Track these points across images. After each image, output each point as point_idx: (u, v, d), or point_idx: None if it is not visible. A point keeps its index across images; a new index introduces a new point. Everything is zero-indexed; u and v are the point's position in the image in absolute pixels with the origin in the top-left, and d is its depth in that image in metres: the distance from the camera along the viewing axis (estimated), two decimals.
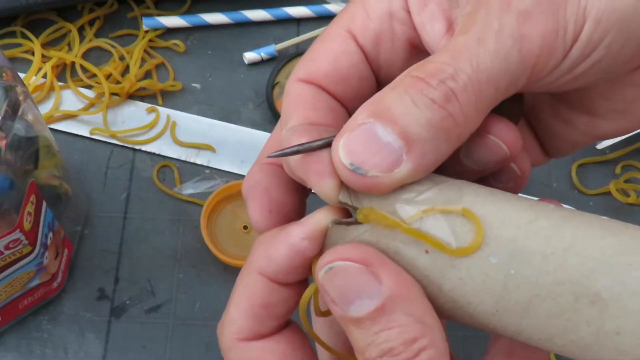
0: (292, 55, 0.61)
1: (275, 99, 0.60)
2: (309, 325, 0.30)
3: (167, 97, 0.63)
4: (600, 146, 0.61)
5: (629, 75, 0.28)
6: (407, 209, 0.26)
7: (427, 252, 0.26)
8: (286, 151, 0.27)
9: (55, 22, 0.64)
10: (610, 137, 0.31)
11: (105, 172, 0.60)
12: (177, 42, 0.64)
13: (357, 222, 0.27)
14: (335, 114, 0.29)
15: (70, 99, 0.62)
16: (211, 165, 0.60)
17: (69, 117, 0.61)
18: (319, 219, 0.27)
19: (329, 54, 0.31)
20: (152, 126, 0.61)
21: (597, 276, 0.24)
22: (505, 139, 0.28)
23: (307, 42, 0.63)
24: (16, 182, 0.45)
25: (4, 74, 0.46)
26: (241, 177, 0.60)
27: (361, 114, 0.26)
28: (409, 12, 0.29)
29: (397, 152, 0.26)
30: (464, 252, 0.25)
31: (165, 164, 0.60)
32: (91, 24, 0.65)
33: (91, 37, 0.64)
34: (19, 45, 0.63)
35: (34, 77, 0.62)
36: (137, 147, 0.61)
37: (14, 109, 0.45)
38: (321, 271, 0.26)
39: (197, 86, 0.63)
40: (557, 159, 0.34)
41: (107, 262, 0.57)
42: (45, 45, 0.64)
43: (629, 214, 0.58)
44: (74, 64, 0.63)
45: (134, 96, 0.62)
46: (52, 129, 0.60)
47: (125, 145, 0.61)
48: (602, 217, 0.26)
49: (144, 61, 0.63)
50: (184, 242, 0.58)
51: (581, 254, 0.25)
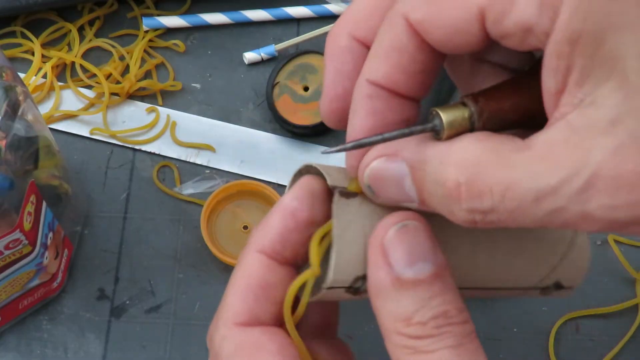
0: (292, 55, 0.61)
1: (275, 99, 0.60)
2: (292, 324, 0.30)
3: (167, 97, 0.63)
4: None
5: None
6: None
7: None
8: (347, 146, 0.29)
9: (55, 22, 0.64)
10: None
11: (105, 172, 0.60)
12: (177, 42, 0.64)
13: (353, 194, 0.30)
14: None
15: (70, 99, 0.62)
16: (211, 165, 0.60)
17: (69, 117, 0.61)
18: (303, 182, 0.30)
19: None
20: (152, 126, 0.61)
21: None
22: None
23: (307, 42, 0.63)
24: (16, 182, 0.45)
25: (4, 74, 0.46)
26: (241, 177, 0.60)
27: (406, 151, 0.29)
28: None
29: (409, 200, 0.29)
30: None
31: (165, 164, 0.60)
32: (91, 24, 0.65)
33: (91, 37, 0.64)
34: (19, 45, 0.63)
35: (34, 77, 0.62)
36: (137, 147, 0.61)
37: (14, 109, 0.45)
38: (393, 227, 0.28)
39: (197, 86, 0.63)
40: None
41: (107, 262, 0.57)
42: (45, 45, 0.64)
43: None
44: (74, 64, 0.63)
45: (134, 96, 0.62)
46: (52, 129, 0.60)
47: (125, 145, 0.61)
48: None
49: (144, 61, 0.63)
50: (184, 242, 0.58)
51: None
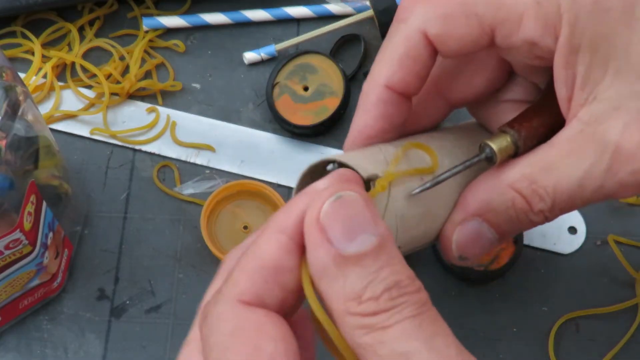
0: (292, 55, 0.61)
1: (275, 99, 0.60)
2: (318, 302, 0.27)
3: (167, 97, 0.63)
4: None
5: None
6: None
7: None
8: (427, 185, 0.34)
9: (55, 22, 0.64)
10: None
11: (105, 172, 0.60)
12: (177, 42, 0.64)
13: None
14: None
15: (70, 99, 0.62)
16: (211, 165, 0.60)
17: (69, 117, 0.61)
18: (338, 172, 0.29)
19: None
20: (152, 126, 0.61)
21: None
22: None
23: (307, 42, 0.63)
24: (16, 182, 0.45)
25: (4, 74, 0.46)
26: (241, 177, 0.60)
27: (470, 207, 0.34)
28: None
29: (493, 243, 0.35)
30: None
31: (165, 164, 0.60)
32: (91, 24, 0.65)
33: (91, 37, 0.64)
34: (19, 45, 0.63)
35: (34, 77, 0.62)
36: (137, 147, 0.61)
37: (14, 109, 0.45)
38: (328, 201, 0.26)
39: (197, 86, 0.63)
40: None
41: (107, 262, 0.57)
42: (45, 45, 0.64)
43: (629, 214, 0.58)
44: (74, 64, 0.63)
45: (134, 96, 0.62)
46: (52, 129, 0.60)
47: (125, 145, 0.61)
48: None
49: (144, 61, 0.63)
50: (184, 242, 0.58)
51: None
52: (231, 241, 0.57)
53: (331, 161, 0.34)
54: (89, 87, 0.62)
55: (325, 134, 0.61)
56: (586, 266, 0.57)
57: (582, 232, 0.57)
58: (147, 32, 0.64)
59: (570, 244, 0.57)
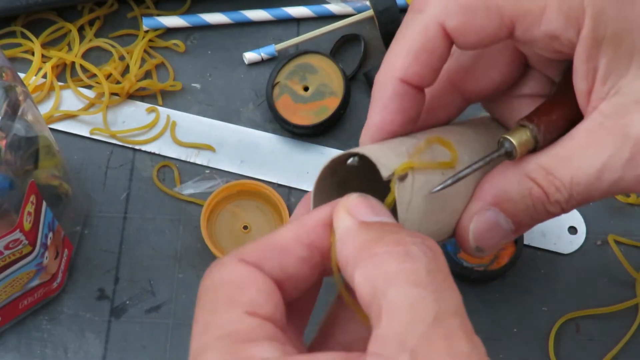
0: (292, 55, 0.61)
1: (275, 99, 0.60)
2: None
3: (167, 97, 0.63)
4: None
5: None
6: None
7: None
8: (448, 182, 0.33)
9: (55, 22, 0.64)
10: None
11: (105, 172, 0.60)
12: (177, 42, 0.64)
13: (405, 175, 0.32)
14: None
15: (70, 99, 0.62)
16: (211, 165, 0.60)
17: (69, 117, 0.61)
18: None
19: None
20: (152, 126, 0.61)
21: None
22: None
23: (307, 42, 0.63)
24: (16, 182, 0.45)
25: (4, 74, 0.46)
26: (241, 177, 0.60)
27: (487, 196, 0.34)
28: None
29: (509, 234, 0.35)
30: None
31: (165, 164, 0.60)
32: (91, 24, 0.65)
33: (91, 37, 0.64)
34: (19, 45, 0.63)
35: (34, 77, 0.62)
36: (137, 147, 0.61)
37: (14, 109, 0.45)
38: (354, 194, 0.31)
39: (197, 86, 0.63)
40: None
41: (107, 262, 0.57)
42: (45, 45, 0.64)
43: (629, 214, 0.58)
44: (74, 64, 0.63)
45: (134, 96, 0.62)
46: (52, 129, 0.60)
47: (125, 145, 0.61)
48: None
49: (144, 61, 0.63)
50: (184, 242, 0.58)
51: None
52: (231, 241, 0.57)
53: (353, 154, 0.33)
54: (89, 87, 0.62)
55: (325, 134, 0.61)
56: (586, 266, 0.57)
57: (582, 232, 0.57)
58: (147, 32, 0.64)
59: (570, 244, 0.57)
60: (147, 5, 0.66)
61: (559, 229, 0.57)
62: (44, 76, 0.62)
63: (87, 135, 0.61)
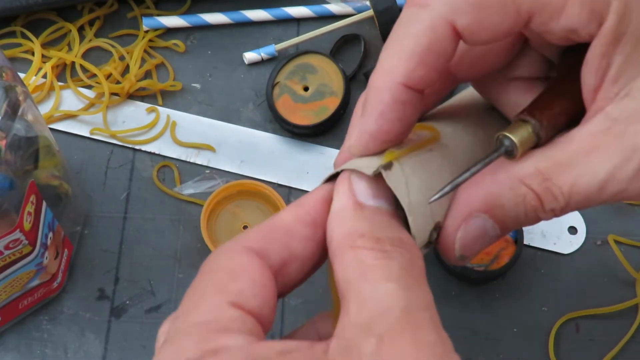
0: (292, 55, 0.61)
1: (275, 99, 0.60)
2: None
3: (167, 97, 0.63)
4: None
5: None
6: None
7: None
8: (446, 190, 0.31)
9: (55, 22, 0.64)
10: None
11: (105, 172, 0.60)
12: (177, 42, 0.64)
13: (390, 164, 0.31)
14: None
15: (70, 99, 0.62)
16: (211, 165, 0.60)
17: (69, 117, 0.61)
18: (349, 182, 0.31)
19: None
20: (152, 126, 0.61)
21: None
22: None
23: (307, 42, 0.63)
24: (16, 182, 0.45)
25: (4, 74, 0.46)
26: (241, 177, 0.60)
27: (475, 202, 0.31)
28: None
29: (494, 240, 0.32)
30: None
31: (165, 164, 0.60)
32: (91, 24, 0.65)
33: (91, 37, 0.64)
34: (19, 45, 0.63)
35: (34, 77, 0.62)
36: (137, 147, 0.61)
37: (14, 109, 0.45)
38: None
39: (197, 86, 0.63)
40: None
41: (107, 262, 0.57)
42: (45, 45, 0.64)
43: (629, 214, 0.58)
44: (74, 64, 0.63)
45: (134, 96, 0.62)
46: (52, 129, 0.60)
47: (125, 145, 0.61)
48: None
49: (144, 61, 0.63)
50: (184, 242, 0.58)
51: None
52: None
53: (335, 174, 0.32)
54: (89, 87, 0.62)
55: (325, 134, 0.61)
56: (586, 266, 0.57)
57: (582, 232, 0.57)
58: (147, 32, 0.64)
59: (570, 244, 0.57)
60: (147, 5, 0.66)
61: (559, 229, 0.57)
62: (44, 76, 0.62)
63: (87, 135, 0.61)
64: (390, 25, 0.60)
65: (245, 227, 0.58)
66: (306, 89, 0.61)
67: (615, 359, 0.54)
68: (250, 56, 0.63)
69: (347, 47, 0.65)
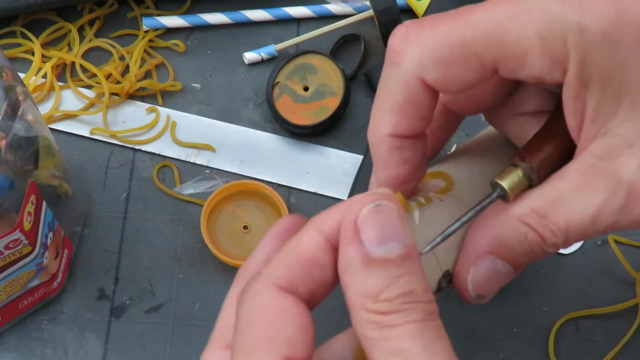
0: (292, 55, 0.61)
1: (275, 99, 0.60)
2: None
3: (167, 97, 0.63)
4: None
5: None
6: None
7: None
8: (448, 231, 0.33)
9: (55, 22, 0.64)
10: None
11: (105, 172, 0.60)
12: (177, 42, 0.64)
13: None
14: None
15: (70, 99, 0.62)
16: (211, 165, 0.60)
17: (69, 117, 0.61)
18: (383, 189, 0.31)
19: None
20: (152, 126, 0.61)
21: None
22: None
23: (307, 42, 0.63)
24: (16, 182, 0.45)
25: (4, 74, 0.46)
26: (241, 177, 0.60)
27: (482, 245, 0.33)
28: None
29: (510, 276, 0.34)
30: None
31: (165, 164, 0.60)
32: (91, 24, 0.65)
33: (91, 37, 0.64)
34: (19, 45, 0.63)
35: (34, 77, 0.62)
36: (137, 147, 0.61)
37: (14, 109, 0.45)
38: (367, 207, 0.28)
39: (197, 86, 0.63)
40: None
41: (107, 262, 0.57)
42: (45, 45, 0.64)
43: None
44: (74, 64, 0.63)
45: (134, 96, 0.62)
46: (52, 129, 0.60)
47: (125, 145, 0.61)
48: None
49: (144, 61, 0.63)
50: (184, 242, 0.58)
51: None
52: (231, 241, 0.57)
53: None
54: (89, 87, 0.62)
55: (325, 134, 0.61)
56: (586, 266, 0.57)
57: None
58: (147, 32, 0.64)
59: None
60: (147, 5, 0.66)
61: None
62: (44, 76, 0.62)
63: (87, 135, 0.61)
64: (390, 25, 0.60)
65: (245, 227, 0.58)
66: (306, 89, 0.61)
67: (615, 359, 0.54)
68: (250, 56, 0.63)
69: (347, 47, 0.65)
